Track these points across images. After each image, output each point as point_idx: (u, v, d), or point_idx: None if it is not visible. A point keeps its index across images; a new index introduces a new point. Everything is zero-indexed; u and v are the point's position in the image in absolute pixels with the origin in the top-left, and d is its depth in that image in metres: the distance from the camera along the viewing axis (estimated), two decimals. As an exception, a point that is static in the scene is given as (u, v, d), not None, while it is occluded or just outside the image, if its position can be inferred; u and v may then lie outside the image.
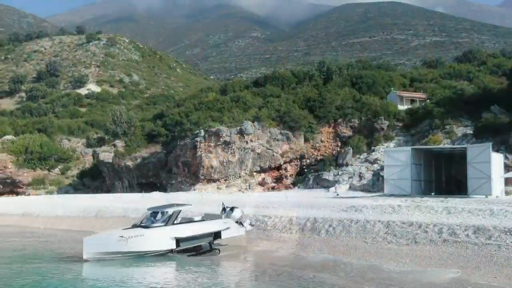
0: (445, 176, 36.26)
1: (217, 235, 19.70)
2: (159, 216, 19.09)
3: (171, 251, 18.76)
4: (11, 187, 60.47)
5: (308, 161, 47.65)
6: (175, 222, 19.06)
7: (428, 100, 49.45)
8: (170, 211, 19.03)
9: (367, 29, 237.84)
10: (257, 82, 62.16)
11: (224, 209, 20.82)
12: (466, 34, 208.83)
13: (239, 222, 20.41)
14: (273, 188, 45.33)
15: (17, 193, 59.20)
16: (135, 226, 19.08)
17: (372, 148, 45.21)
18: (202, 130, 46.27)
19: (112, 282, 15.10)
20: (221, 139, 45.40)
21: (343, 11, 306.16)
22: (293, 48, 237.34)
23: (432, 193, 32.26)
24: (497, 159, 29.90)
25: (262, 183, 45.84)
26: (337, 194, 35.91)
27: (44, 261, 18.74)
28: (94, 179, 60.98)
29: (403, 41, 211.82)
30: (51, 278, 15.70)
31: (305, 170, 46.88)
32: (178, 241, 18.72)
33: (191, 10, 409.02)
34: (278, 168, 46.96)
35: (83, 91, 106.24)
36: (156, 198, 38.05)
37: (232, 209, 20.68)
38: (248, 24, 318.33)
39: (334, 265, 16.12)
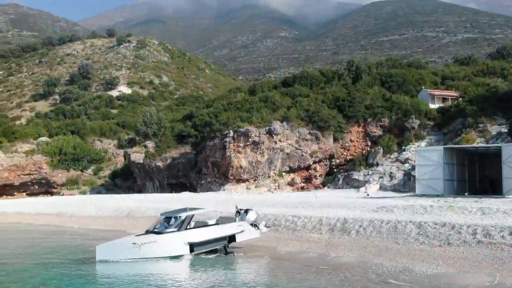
0: (479, 176, 35.51)
1: (231, 238, 19.45)
2: (172, 221, 18.93)
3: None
4: (46, 187, 62.18)
5: (337, 161, 47.39)
6: (188, 227, 18.91)
7: (461, 98, 48.52)
8: (183, 216, 18.86)
9: (397, 27, 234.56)
10: (286, 82, 62.17)
11: (238, 211, 20.43)
12: (499, 30, 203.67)
13: (254, 225, 20.25)
14: (302, 188, 45.21)
15: (52, 193, 60.80)
16: (148, 231, 19.04)
17: (403, 147, 44.65)
18: (231, 131, 46.48)
19: (137, 281, 15.38)
20: (250, 139, 45.53)
21: (372, 9, 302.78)
22: (322, 47, 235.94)
23: (466, 193, 31.64)
24: (534, 158, 29.09)
25: (291, 183, 45.77)
26: (368, 194, 35.58)
27: (77, 261, 19.22)
28: (126, 180, 62.07)
29: (434, 38, 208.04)
30: (81, 276, 16.16)
31: (335, 170, 46.64)
32: (192, 246, 18.60)
33: (219, 11, 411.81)
34: (307, 168, 46.81)
35: (114, 93, 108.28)
36: (186, 198, 38.43)
37: (246, 211, 20.33)
38: (276, 24, 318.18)
39: (365, 266, 15.91)
